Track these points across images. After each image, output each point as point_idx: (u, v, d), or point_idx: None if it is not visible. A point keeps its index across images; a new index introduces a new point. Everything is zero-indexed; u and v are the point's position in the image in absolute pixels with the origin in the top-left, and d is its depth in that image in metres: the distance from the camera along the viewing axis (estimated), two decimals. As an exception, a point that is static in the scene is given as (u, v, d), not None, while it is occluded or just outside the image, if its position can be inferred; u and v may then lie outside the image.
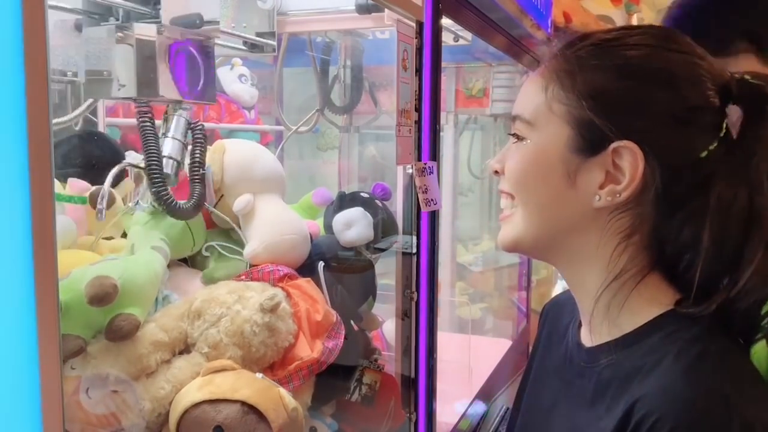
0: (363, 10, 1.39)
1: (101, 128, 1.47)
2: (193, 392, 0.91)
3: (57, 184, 1.08)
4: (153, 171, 0.99)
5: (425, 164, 1.38)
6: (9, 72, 0.49)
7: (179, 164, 1.06)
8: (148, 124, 1.00)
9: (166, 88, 1.01)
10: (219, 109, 1.86)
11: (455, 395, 1.88)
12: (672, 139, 0.62)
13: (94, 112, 1.42)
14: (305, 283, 1.14)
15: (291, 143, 1.67)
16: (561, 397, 0.73)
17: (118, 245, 1.07)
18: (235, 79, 1.86)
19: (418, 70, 1.40)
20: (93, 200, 1.06)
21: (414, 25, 1.37)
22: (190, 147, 1.09)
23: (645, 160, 0.62)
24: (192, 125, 1.09)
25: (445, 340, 1.74)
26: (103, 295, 0.84)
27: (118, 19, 1.01)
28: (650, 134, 0.62)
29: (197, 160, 1.08)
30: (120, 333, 0.88)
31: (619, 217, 0.64)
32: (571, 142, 0.64)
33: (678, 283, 0.65)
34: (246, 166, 1.20)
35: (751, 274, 0.58)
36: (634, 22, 3.90)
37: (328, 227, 1.35)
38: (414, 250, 1.45)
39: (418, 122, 1.41)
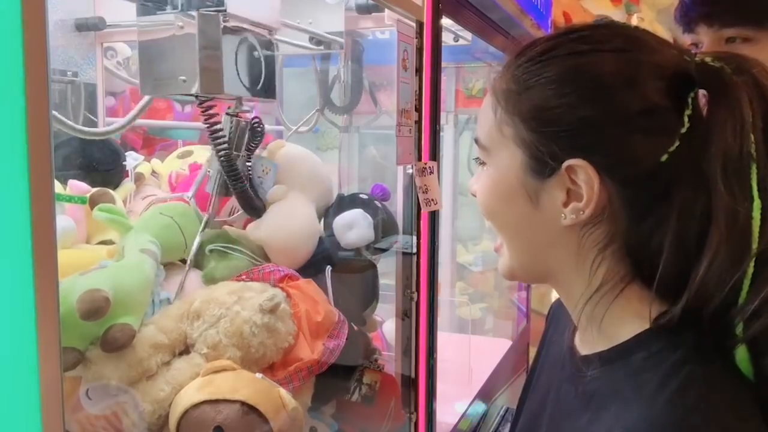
0: (363, 10, 1.39)
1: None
2: (192, 393, 0.91)
3: (57, 185, 1.08)
4: (233, 178, 1.04)
5: (425, 164, 1.38)
6: (9, 72, 0.49)
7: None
8: (220, 133, 1.00)
9: (231, 83, 0.92)
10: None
11: (455, 395, 1.88)
12: (621, 150, 0.58)
13: (93, 112, 1.42)
14: (306, 283, 1.14)
15: (290, 143, 1.67)
16: (549, 399, 0.72)
17: (114, 250, 1.07)
18: (235, 79, 1.86)
19: (418, 70, 1.40)
20: (93, 201, 1.06)
21: (414, 25, 1.37)
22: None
23: (599, 176, 0.58)
24: (253, 128, 1.10)
25: (445, 340, 1.74)
26: (95, 310, 0.84)
27: (177, 8, 0.89)
28: (597, 149, 0.59)
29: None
30: (116, 344, 0.88)
31: (592, 231, 0.61)
32: (525, 166, 0.62)
33: (660, 294, 0.61)
34: (290, 164, 1.31)
35: (708, 272, 0.55)
36: (634, 22, 3.89)
37: (329, 229, 1.35)
38: (414, 250, 1.45)
39: (418, 122, 1.41)
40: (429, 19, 1.40)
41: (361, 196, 1.44)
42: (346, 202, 1.39)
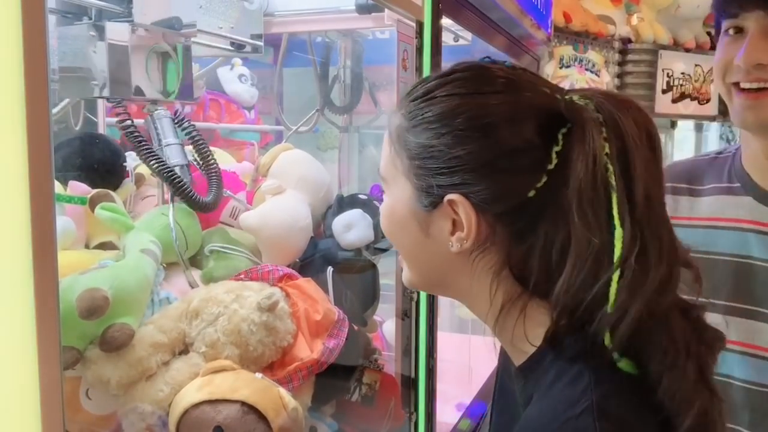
0: (363, 10, 1.39)
1: (101, 129, 1.47)
2: (192, 393, 0.91)
3: (58, 186, 1.08)
4: (166, 172, 1.02)
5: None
6: (9, 72, 0.49)
7: (188, 164, 1.09)
8: (133, 129, 1.02)
9: (142, 87, 1.02)
10: (219, 109, 1.86)
11: (455, 395, 1.88)
12: (492, 187, 0.63)
13: (93, 112, 1.42)
14: (305, 282, 1.14)
15: (291, 143, 1.67)
16: (503, 409, 0.78)
17: (114, 255, 1.07)
18: (235, 79, 1.86)
19: (418, 70, 1.40)
20: (94, 202, 1.06)
21: (414, 25, 1.37)
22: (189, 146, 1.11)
23: (474, 210, 0.63)
24: (177, 121, 1.09)
25: (445, 340, 1.74)
26: (95, 308, 0.84)
27: (91, 18, 1.02)
28: (472, 185, 0.63)
29: (206, 157, 1.12)
30: (115, 344, 0.88)
31: (481, 257, 0.66)
32: (414, 198, 0.67)
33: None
34: (290, 164, 1.36)
35: (565, 294, 0.60)
36: (634, 22, 3.90)
37: (328, 230, 1.35)
38: (414, 250, 1.45)
39: (418, 122, 1.41)
40: (429, 19, 1.40)
41: (360, 196, 1.44)
42: (345, 203, 1.39)
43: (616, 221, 0.58)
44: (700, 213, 1.11)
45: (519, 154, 0.62)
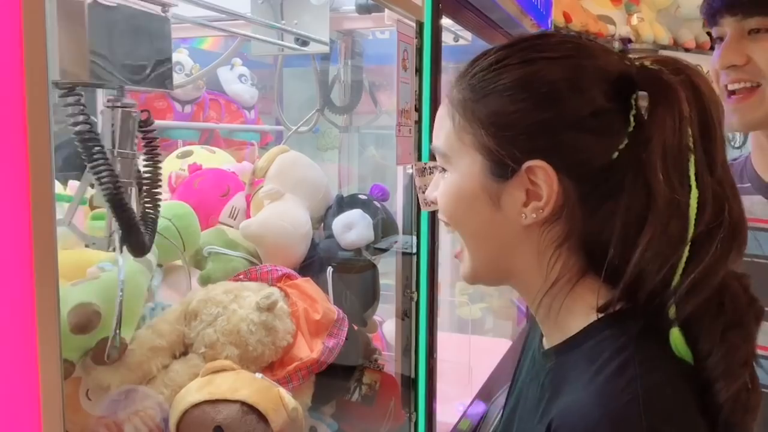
0: (363, 10, 1.39)
1: (100, 128, 1.47)
2: (192, 393, 0.91)
3: (58, 186, 1.08)
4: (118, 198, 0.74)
5: (425, 164, 1.38)
6: (9, 72, 0.49)
7: (131, 185, 0.83)
8: (88, 129, 0.74)
9: (102, 69, 0.72)
10: (219, 109, 1.86)
11: (455, 395, 1.88)
12: (577, 150, 0.62)
13: (94, 113, 1.42)
14: (304, 282, 1.14)
15: (291, 143, 1.67)
16: (521, 399, 0.75)
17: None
18: (235, 79, 1.86)
19: (418, 70, 1.40)
20: (93, 202, 1.06)
21: (414, 25, 1.37)
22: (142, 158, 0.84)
23: (557, 175, 0.62)
24: (143, 126, 0.82)
25: (445, 340, 1.73)
26: (85, 324, 0.83)
27: None
28: (555, 150, 0.62)
29: (155, 181, 0.83)
30: (107, 359, 0.87)
31: (551, 228, 0.65)
32: (485, 169, 0.65)
33: (612, 285, 0.64)
34: (287, 167, 1.35)
35: (644, 255, 0.59)
36: (634, 22, 3.89)
37: (328, 230, 1.35)
38: (414, 250, 1.45)
39: (418, 122, 1.41)
40: (429, 19, 1.40)
41: (360, 196, 1.44)
42: (345, 203, 1.40)
43: (692, 182, 0.59)
44: None
45: (600, 116, 0.62)
